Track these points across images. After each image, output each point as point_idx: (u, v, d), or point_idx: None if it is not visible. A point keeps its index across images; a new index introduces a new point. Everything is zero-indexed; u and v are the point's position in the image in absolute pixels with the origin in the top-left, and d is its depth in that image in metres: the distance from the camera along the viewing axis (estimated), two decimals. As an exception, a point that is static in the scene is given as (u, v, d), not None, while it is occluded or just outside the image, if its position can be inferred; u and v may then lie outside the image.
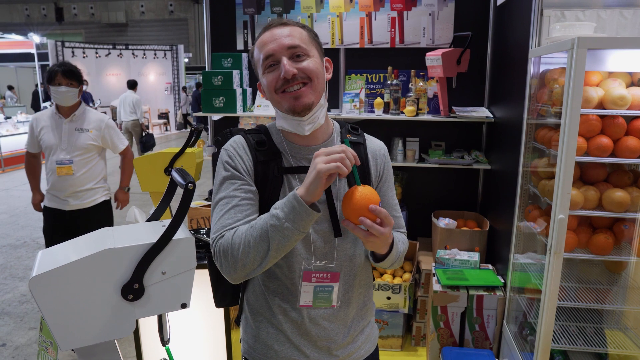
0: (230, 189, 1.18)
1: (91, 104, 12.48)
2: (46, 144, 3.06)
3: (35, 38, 17.44)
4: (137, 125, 10.03)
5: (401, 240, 1.32)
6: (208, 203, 3.40)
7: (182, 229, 1.11)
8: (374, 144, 1.35)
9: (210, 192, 1.41)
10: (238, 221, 1.15)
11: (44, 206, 3.20)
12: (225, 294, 1.39)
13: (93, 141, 3.09)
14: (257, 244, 1.08)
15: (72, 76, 2.99)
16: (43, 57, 16.00)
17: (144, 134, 9.96)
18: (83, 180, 3.10)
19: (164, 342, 1.32)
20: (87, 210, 3.15)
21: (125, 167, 3.40)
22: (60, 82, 2.95)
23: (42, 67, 16.96)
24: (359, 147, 1.30)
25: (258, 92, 3.58)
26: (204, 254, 2.18)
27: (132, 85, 10.30)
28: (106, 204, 3.28)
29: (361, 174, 1.27)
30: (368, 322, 1.39)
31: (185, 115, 16.31)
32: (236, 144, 1.23)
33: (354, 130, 1.34)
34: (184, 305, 1.13)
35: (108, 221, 3.31)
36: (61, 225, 3.16)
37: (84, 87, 13.18)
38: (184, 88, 16.37)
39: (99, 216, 3.22)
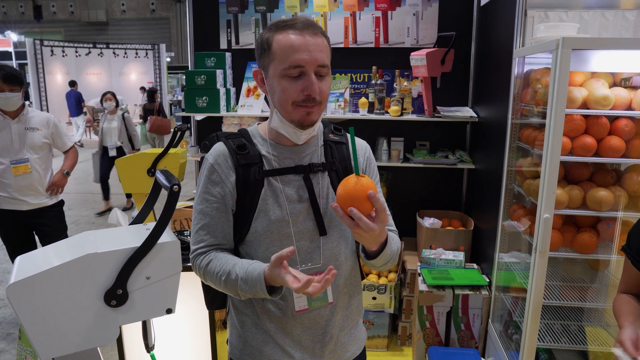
0: (204, 204, 1.23)
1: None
2: None
3: (13, 36, 17.06)
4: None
5: (394, 239, 1.28)
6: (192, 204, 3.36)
7: (167, 232, 1.08)
8: (356, 142, 1.35)
9: None
10: (210, 245, 1.24)
11: None
12: (216, 297, 1.38)
13: (45, 139, 3.12)
14: (227, 290, 1.20)
15: (14, 80, 2.93)
16: (21, 55, 15.65)
17: None
18: (41, 179, 3.13)
19: (149, 348, 1.29)
20: (47, 208, 3.19)
21: (69, 155, 3.37)
22: (2, 89, 2.88)
23: (20, 66, 16.62)
24: (342, 147, 1.31)
25: (242, 92, 3.57)
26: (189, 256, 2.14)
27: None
28: (62, 202, 3.35)
29: (345, 172, 1.26)
30: (355, 322, 1.37)
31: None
32: (217, 152, 1.24)
33: (336, 131, 1.35)
34: (169, 311, 1.10)
35: (62, 220, 3.34)
36: (20, 225, 3.16)
37: (77, 88, 12.95)
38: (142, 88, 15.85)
39: (60, 214, 3.30)
